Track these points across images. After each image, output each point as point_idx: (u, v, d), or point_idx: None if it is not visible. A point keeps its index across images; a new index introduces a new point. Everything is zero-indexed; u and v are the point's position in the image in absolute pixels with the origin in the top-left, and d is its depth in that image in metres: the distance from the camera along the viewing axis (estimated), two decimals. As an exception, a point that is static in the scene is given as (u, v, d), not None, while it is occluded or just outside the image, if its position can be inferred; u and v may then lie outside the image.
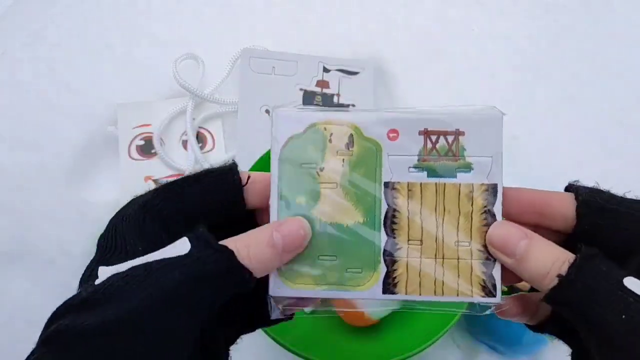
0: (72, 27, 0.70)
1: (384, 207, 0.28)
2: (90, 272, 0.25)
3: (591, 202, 0.27)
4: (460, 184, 0.28)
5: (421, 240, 0.28)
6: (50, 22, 0.70)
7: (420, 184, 0.28)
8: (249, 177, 0.28)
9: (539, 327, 0.29)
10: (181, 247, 0.25)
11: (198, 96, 0.64)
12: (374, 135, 0.28)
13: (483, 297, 0.28)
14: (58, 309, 0.24)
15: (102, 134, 0.65)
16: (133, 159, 0.64)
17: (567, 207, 0.27)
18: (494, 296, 0.28)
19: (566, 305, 0.24)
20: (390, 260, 0.28)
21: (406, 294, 0.28)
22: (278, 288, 0.28)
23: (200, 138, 0.66)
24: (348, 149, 0.29)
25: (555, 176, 0.65)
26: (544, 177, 0.64)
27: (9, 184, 0.62)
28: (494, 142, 0.28)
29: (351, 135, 0.29)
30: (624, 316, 0.22)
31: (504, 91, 0.68)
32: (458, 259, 0.28)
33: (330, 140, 0.29)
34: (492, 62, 0.68)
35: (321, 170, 0.29)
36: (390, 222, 0.28)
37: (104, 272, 0.25)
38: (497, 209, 0.28)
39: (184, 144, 0.66)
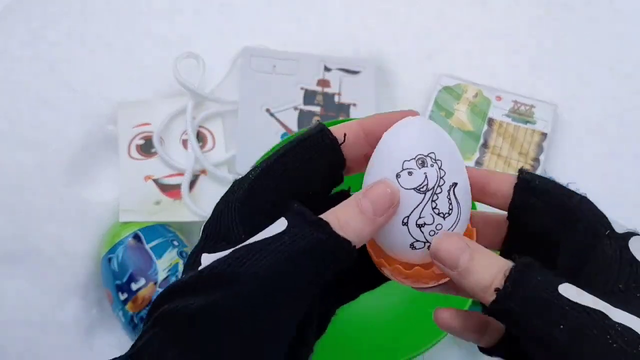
0: (71, 25, 0.70)
1: (485, 127, 0.63)
2: (194, 260, 0.25)
3: (528, 181, 0.27)
4: (527, 128, 0.63)
5: (501, 147, 0.62)
6: (50, 20, 0.70)
7: (506, 122, 0.63)
8: (345, 135, 0.27)
9: (490, 350, 0.29)
10: (279, 226, 0.24)
11: (198, 95, 0.64)
12: (489, 96, 0.64)
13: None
14: (162, 293, 0.25)
15: (101, 133, 0.65)
16: (133, 158, 0.64)
17: (505, 185, 0.28)
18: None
19: (507, 318, 0.24)
20: (482, 149, 0.62)
21: (487, 167, 0.60)
22: None
23: (200, 137, 0.65)
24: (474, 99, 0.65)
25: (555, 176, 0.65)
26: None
27: (8, 183, 0.62)
28: (550, 115, 0.63)
29: (476, 93, 0.64)
30: (562, 326, 0.22)
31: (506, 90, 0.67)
32: (518, 161, 0.62)
33: (465, 92, 0.65)
34: (494, 62, 0.68)
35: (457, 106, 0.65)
36: (487, 131, 0.63)
37: (207, 259, 0.25)
38: (546, 144, 0.62)
39: (184, 143, 0.65)
